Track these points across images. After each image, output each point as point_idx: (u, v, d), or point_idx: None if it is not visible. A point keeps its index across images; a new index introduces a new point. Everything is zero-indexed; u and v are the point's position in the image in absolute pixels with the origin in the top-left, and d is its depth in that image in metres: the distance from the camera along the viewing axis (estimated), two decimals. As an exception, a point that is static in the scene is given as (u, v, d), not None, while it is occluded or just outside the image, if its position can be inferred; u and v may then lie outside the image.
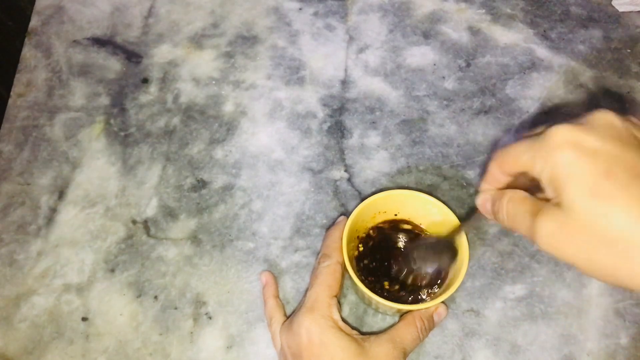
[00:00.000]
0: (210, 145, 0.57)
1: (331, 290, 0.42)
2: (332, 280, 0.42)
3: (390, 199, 0.46)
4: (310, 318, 0.40)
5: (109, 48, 0.63)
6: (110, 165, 0.56)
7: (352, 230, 0.45)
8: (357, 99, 0.59)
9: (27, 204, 0.53)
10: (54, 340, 0.47)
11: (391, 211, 0.48)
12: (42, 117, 0.58)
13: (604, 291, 0.49)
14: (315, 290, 0.42)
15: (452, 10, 0.65)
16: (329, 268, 0.43)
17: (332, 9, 0.66)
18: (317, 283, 0.43)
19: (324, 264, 0.44)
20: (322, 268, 0.44)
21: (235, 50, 0.63)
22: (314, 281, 0.43)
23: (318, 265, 0.44)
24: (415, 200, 0.46)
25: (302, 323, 0.40)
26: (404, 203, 0.47)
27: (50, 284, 0.50)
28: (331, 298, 0.42)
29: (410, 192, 0.46)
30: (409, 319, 0.42)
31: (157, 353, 0.46)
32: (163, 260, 0.51)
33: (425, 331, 0.43)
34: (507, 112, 0.59)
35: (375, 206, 0.46)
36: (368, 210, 0.46)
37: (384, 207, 0.47)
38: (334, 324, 0.40)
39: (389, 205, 0.47)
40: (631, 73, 0.61)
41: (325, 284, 0.42)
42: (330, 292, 0.42)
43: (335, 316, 0.41)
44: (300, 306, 0.43)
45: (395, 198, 0.46)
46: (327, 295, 0.42)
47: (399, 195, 0.46)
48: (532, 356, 0.46)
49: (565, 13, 0.65)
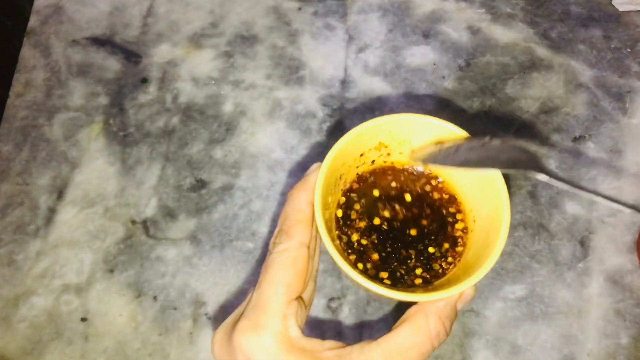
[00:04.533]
0: (209, 145, 0.57)
1: (289, 292, 0.28)
2: (290, 275, 0.28)
3: (382, 128, 0.33)
4: (253, 339, 0.27)
5: (108, 48, 0.63)
6: (109, 165, 0.55)
7: (328, 184, 0.31)
8: (356, 98, 0.59)
9: (26, 204, 0.53)
10: (53, 340, 0.47)
11: (390, 147, 0.35)
12: (41, 117, 0.58)
13: (605, 291, 0.49)
14: (264, 292, 0.28)
15: (452, 10, 0.65)
16: (286, 254, 0.29)
17: (332, 9, 0.66)
18: (267, 280, 0.28)
19: (280, 248, 0.29)
20: (276, 255, 0.29)
21: (234, 49, 0.63)
22: (263, 276, 0.29)
23: (272, 248, 0.30)
24: (418, 126, 0.33)
25: (239, 345, 0.27)
26: (404, 132, 0.34)
27: (49, 284, 0.49)
28: (288, 304, 0.28)
29: (410, 117, 0.33)
30: (419, 322, 0.28)
31: (156, 353, 0.46)
32: (162, 260, 0.50)
33: (444, 335, 0.29)
34: (507, 111, 0.58)
35: (361, 142, 0.33)
36: (351, 149, 0.33)
37: (374, 142, 0.34)
38: (291, 347, 0.27)
39: (382, 138, 0.34)
40: (631, 72, 0.60)
41: (280, 281, 0.28)
42: (288, 295, 0.28)
43: (293, 332, 0.27)
44: (240, 315, 0.29)
45: (391, 126, 0.33)
46: (283, 300, 0.28)
47: (396, 122, 0.33)
48: (532, 356, 0.46)
49: (566, 12, 0.65)
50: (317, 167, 0.31)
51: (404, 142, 0.34)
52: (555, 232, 0.52)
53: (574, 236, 0.52)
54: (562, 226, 0.52)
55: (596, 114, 0.58)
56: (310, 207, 0.30)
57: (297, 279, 0.28)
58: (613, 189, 0.54)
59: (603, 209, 0.53)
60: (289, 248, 0.29)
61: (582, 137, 0.57)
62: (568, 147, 0.56)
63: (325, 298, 0.49)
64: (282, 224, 0.30)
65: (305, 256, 0.29)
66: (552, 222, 0.52)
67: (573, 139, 0.57)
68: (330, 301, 0.49)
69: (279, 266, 0.29)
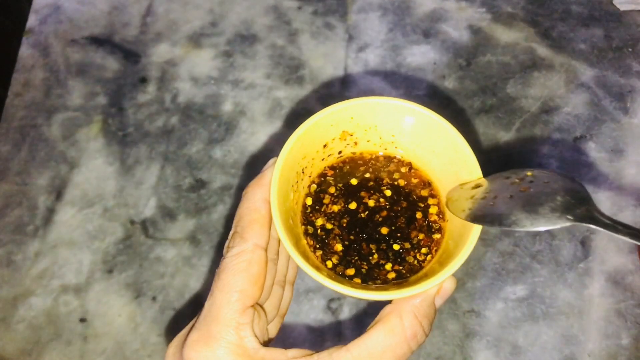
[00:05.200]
0: (209, 145, 0.56)
1: (243, 298, 0.26)
2: (244, 280, 0.26)
3: (341, 115, 0.30)
4: (205, 352, 0.25)
5: (106, 47, 0.63)
6: (108, 165, 0.55)
7: (287, 180, 0.29)
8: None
9: (25, 205, 0.53)
10: (51, 341, 0.47)
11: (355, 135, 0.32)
12: (40, 117, 0.58)
13: (605, 292, 0.49)
14: (215, 301, 0.26)
15: (453, 9, 0.65)
16: (240, 258, 0.27)
17: (332, 8, 0.65)
18: (218, 287, 0.26)
19: (234, 252, 0.27)
20: (229, 259, 0.27)
21: (234, 49, 0.62)
22: (215, 283, 0.27)
23: (225, 252, 0.28)
24: (382, 109, 0.30)
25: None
26: (368, 117, 0.31)
27: (47, 285, 0.49)
28: (242, 312, 0.26)
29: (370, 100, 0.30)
30: (392, 322, 0.26)
31: (155, 354, 0.46)
32: (161, 260, 0.50)
33: (423, 336, 0.27)
34: (508, 111, 0.58)
35: (321, 132, 0.30)
36: (311, 140, 0.30)
37: (337, 131, 0.31)
38: (248, 358, 0.25)
39: (345, 126, 0.31)
40: (632, 72, 0.60)
41: (233, 287, 0.26)
42: (242, 303, 0.26)
43: (249, 343, 0.25)
44: (192, 327, 0.27)
45: (351, 112, 0.30)
46: (236, 308, 0.26)
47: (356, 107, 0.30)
48: (533, 357, 0.46)
49: (566, 12, 0.65)
50: (274, 162, 0.28)
51: (370, 129, 0.31)
52: (556, 232, 0.52)
53: (575, 236, 0.51)
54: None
55: (597, 114, 0.58)
56: (266, 205, 0.28)
57: (252, 285, 0.26)
58: (614, 189, 0.54)
59: (604, 209, 0.53)
60: (243, 251, 0.27)
61: (583, 136, 0.57)
62: (569, 146, 0.56)
63: (325, 299, 0.48)
64: (236, 225, 0.28)
65: (261, 259, 0.27)
66: (553, 222, 0.52)
67: (574, 139, 0.57)
68: (330, 302, 0.48)
69: (231, 271, 0.26)
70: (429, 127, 0.30)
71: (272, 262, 0.28)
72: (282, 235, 0.26)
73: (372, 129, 0.32)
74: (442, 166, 0.31)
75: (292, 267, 0.33)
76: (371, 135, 0.32)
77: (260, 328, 0.26)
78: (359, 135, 0.32)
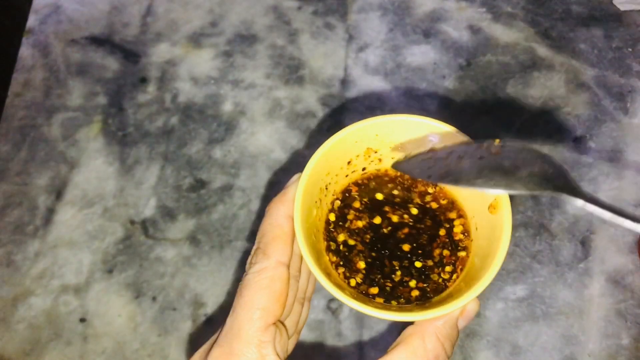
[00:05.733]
0: (209, 145, 0.56)
1: (265, 316, 0.26)
2: (267, 297, 0.26)
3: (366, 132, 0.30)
4: None
5: (106, 47, 0.63)
6: (108, 165, 0.55)
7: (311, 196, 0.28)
8: (357, 98, 0.59)
9: (25, 205, 0.53)
10: (51, 341, 0.47)
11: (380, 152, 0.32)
12: (40, 117, 0.58)
13: (606, 292, 0.49)
14: (238, 317, 0.26)
15: (453, 9, 0.65)
16: (262, 275, 0.27)
17: (332, 8, 0.65)
18: (240, 304, 0.27)
19: (255, 268, 0.27)
20: (251, 276, 0.27)
21: (234, 49, 0.62)
22: (237, 300, 0.27)
23: (248, 268, 0.28)
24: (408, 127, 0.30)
25: None
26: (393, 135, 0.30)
27: (47, 285, 0.49)
28: (264, 331, 0.26)
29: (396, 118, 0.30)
30: (415, 344, 0.26)
31: (155, 354, 0.46)
32: (161, 260, 0.50)
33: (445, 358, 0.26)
34: (508, 111, 0.58)
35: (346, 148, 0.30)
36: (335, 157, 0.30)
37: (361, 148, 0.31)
38: None
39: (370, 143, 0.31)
40: (632, 72, 0.60)
41: (255, 305, 0.26)
42: (264, 320, 0.26)
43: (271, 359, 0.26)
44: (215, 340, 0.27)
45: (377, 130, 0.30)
46: (258, 326, 0.26)
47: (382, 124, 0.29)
48: (533, 357, 0.46)
49: (566, 12, 0.65)
50: (297, 178, 0.29)
51: (395, 146, 0.31)
52: (556, 232, 0.52)
53: (575, 236, 0.51)
54: (563, 226, 0.52)
55: (597, 114, 0.58)
56: (289, 221, 0.28)
57: (274, 302, 0.26)
58: (614, 189, 0.54)
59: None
60: (265, 268, 0.27)
61: (583, 136, 0.57)
62: (569, 146, 0.56)
63: (325, 299, 0.48)
64: (259, 241, 0.28)
65: (283, 276, 0.27)
66: (553, 222, 0.52)
67: (574, 139, 0.57)
68: (330, 302, 0.48)
69: (254, 288, 0.26)
70: None
71: (294, 279, 0.28)
72: (304, 253, 0.26)
73: (398, 147, 0.31)
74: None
75: (311, 283, 0.32)
76: (396, 153, 0.31)
77: (281, 346, 0.26)
78: (383, 152, 0.31)
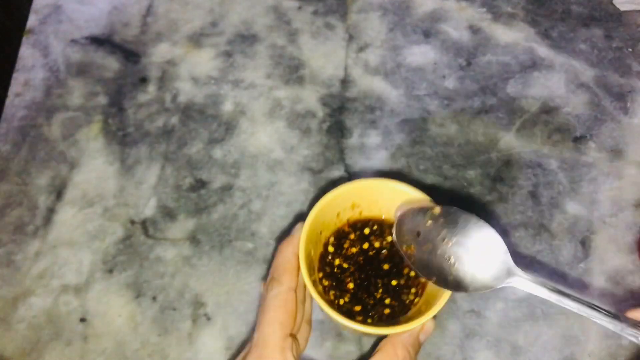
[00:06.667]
0: (209, 145, 0.56)
1: (284, 329, 0.34)
2: (284, 315, 0.35)
3: (354, 192, 0.39)
4: None
5: (107, 47, 0.63)
6: (108, 165, 0.55)
7: (310, 240, 0.38)
8: (357, 98, 0.59)
9: (25, 204, 0.53)
10: (51, 341, 0.47)
11: (361, 206, 0.41)
12: (40, 117, 0.58)
13: (606, 292, 0.49)
14: (263, 331, 0.35)
15: (453, 9, 0.65)
16: (278, 298, 0.35)
17: (332, 8, 0.65)
18: (264, 320, 0.35)
19: (273, 293, 0.36)
20: (270, 299, 0.36)
21: (234, 49, 0.62)
22: (261, 318, 0.35)
23: (265, 293, 0.36)
24: (385, 189, 0.39)
25: None
26: (373, 194, 0.40)
27: (48, 285, 0.49)
28: (284, 339, 0.34)
29: (376, 182, 0.39)
30: (388, 350, 0.35)
31: (155, 354, 0.46)
32: (161, 260, 0.50)
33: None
34: (508, 111, 0.58)
35: (337, 204, 0.39)
36: (329, 210, 0.39)
37: (348, 203, 0.40)
38: None
39: (355, 199, 0.40)
40: (632, 72, 0.60)
41: (276, 321, 0.34)
42: (283, 332, 0.34)
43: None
44: (247, 353, 0.36)
45: (361, 190, 0.39)
46: (279, 336, 0.34)
47: (366, 186, 0.39)
48: (533, 357, 0.46)
49: (567, 12, 0.65)
50: (300, 226, 0.37)
51: (373, 202, 0.40)
52: (556, 232, 0.52)
53: (575, 236, 0.51)
54: (563, 226, 0.52)
55: (597, 114, 0.58)
56: (296, 258, 0.36)
57: (289, 318, 0.35)
58: (614, 189, 0.54)
59: (604, 209, 0.53)
60: (280, 292, 0.35)
61: (583, 137, 0.57)
62: (569, 147, 0.56)
63: (325, 298, 0.49)
64: (273, 272, 0.37)
65: (294, 299, 0.35)
66: (553, 222, 0.52)
67: (574, 139, 0.57)
68: (330, 302, 0.48)
69: (273, 308, 0.35)
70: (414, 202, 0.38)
71: (301, 303, 0.37)
72: (307, 283, 0.34)
73: (375, 202, 0.40)
74: None
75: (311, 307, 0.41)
76: (373, 207, 0.40)
77: (297, 353, 0.35)
78: (364, 206, 0.40)
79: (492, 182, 0.54)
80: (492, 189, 0.54)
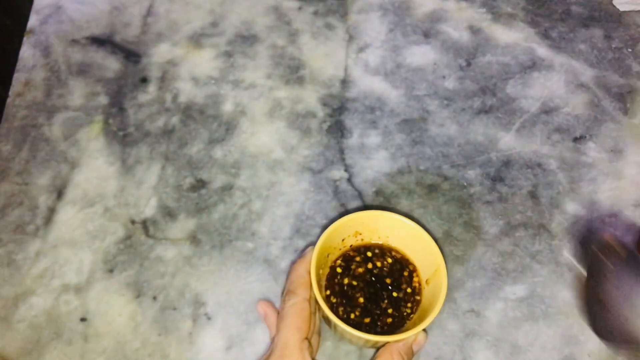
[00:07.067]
0: (209, 145, 0.56)
1: (301, 333, 0.39)
2: (300, 321, 0.40)
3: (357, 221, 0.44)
4: None
5: (107, 47, 0.63)
6: (109, 165, 0.55)
7: (319, 261, 0.42)
8: (357, 98, 0.59)
9: (26, 204, 0.53)
10: (52, 340, 0.47)
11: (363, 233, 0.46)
12: (41, 117, 0.58)
13: (605, 292, 0.49)
14: (283, 335, 0.39)
15: (453, 10, 0.65)
16: (295, 307, 0.40)
17: (332, 8, 0.65)
18: (284, 326, 0.40)
19: (290, 303, 0.41)
20: (288, 308, 0.41)
21: (234, 49, 0.63)
22: (280, 324, 0.40)
23: (283, 304, 0.42)
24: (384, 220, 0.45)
25: None
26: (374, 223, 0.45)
27: (48, 285, 0.49)
28: (302, 341, 0.39)
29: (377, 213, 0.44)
30: (386, 356, 0.40)
31: (155, 354, 0.46)
32: (162, 260, 0.50)
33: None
34: (508, 111, 0.58)
35: (343, 231, 0.45)
36: (336, 236, 0.44)
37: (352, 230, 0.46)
38: None
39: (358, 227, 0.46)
40: (632, 72, 0.60)
41: (294, 326, 0.39)
42: (300, 335, 0.39)
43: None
44: (269, 354, 0.40)
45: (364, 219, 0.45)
46: (298, 339, 0.39)
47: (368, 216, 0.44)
48: (532, 357, 0.46)
49: (566, 12, 0.65)
50: (311, 249, 0.43)
51: (374, 230, 0.46)
52: (556, 232, 0.52)
53: (575, 236, 0.51)
54: (563, 226, 0.52)
55: (597, 114, 0.58)
56: (308, 274, 0.42)
57: (305, 323, 0.40)
58: (614, 189, 0.54)
59: (604, 209, 0.53)
60: (296, 302, 0.41)
61: (582, 137, 0.57)
62: (569, 147, 0.56)
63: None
64: (289, 286, 0.42)
65: (308, 308, 0.41)
66: (552, 222, 0.52)
67: (574, 139, 0.57)
68: (330, 301, 0.49)
69: (291, 315, 0.40)
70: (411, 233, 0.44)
71: (313, 315, 0.41)
72: (318, 298, 0.39)
73: (375, 230, 0.46)
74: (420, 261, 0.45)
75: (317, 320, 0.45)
76: (373, 235, 0.46)
77: (312, 355, 0.39)
78: (365, 234, 0.46)
79: (492, 182, 0.54)
80: (492, 189, 0.54)
